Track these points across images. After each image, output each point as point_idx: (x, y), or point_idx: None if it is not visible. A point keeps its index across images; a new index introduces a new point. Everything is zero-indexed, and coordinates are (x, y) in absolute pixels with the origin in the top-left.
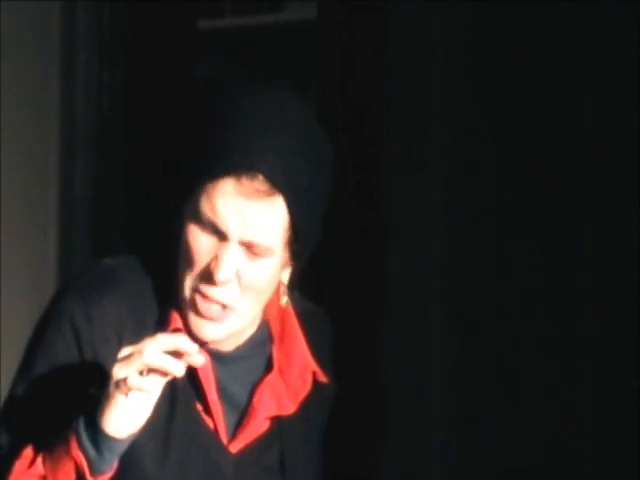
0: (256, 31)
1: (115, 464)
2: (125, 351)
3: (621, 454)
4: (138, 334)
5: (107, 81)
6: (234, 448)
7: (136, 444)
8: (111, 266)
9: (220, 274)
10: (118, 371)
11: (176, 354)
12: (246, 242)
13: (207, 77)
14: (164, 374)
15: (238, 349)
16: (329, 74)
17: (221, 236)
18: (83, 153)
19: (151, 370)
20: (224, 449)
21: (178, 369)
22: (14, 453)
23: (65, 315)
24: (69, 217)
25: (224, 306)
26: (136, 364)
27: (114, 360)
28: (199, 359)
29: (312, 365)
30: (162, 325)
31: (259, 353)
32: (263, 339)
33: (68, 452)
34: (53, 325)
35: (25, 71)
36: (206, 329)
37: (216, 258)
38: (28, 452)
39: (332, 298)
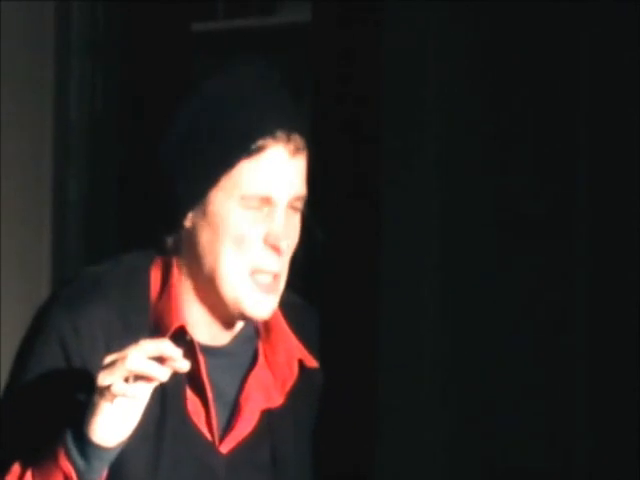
0: (250, 33)
1: (105, 473)
2: (109, 358)
3: (619, 455)
4: (126, 339)
5: (101, 84)
6: (225, 448)
7: (127, 450)
8: (96, 273)
9: (282, 244)
10: (102, 379)
11: (160, 359)
12: (294, 198)
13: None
14: (149, 380)
15: (229, 344)
16: (324, 75)
17: (270, 205)
18: (77, 155)
19: (136, 376)
20: (215, 450)
21: (162, 374)
22: (4, 467)
23: (52, 328)
24: (63, 219)
25: (274, 274)
26: (120, 371)
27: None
28: (184, 364)
29: (298, 352)
30: (157, 325)
31: (247, 349)
32: (250, 334)
33: (57, 464)
34: (41, 339)
35: (19, 73)
36: (266, 303)
37: (272, 230)
38: (17, 467)
39: (327, 296)
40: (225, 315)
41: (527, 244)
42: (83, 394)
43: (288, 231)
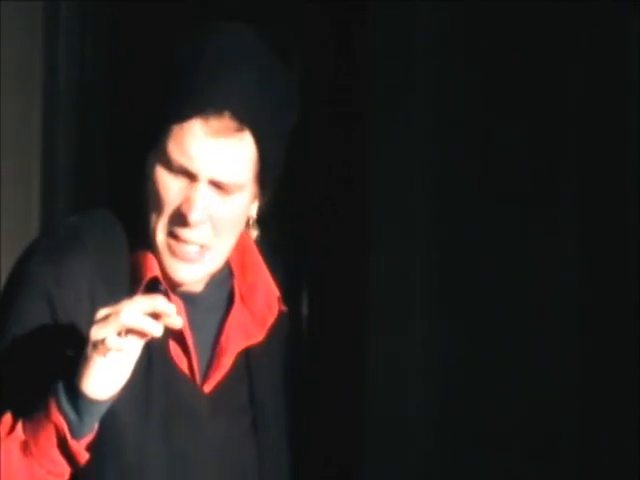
0: None
1: (96, 426)
2: (102, 312)
3: (618, 455)
4: (109, 290)
5: (90, 49)
6: (207, 388)
7: (117, 403)
8: (74, 225)
9: (193, 215)
10: (96, 332)
11: (154, 315)
12: (216, 181)
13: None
14: (142, 335)
15: (205, 289)
16: (313, 71)
17: (191, 177)
18: (65, 121)
19: (129, 331)
20: (199, 392)
21: (156, 329)
22: None
23: (34, 280)
24: (52, 187)
25: (201, 246)
26: (114, 325)
27: (88, 320)
28: (178, 320)
29: (277, 291)
30: (135, 276)
31: (223, 290)
32: (225, 276)
33: (48, 416)
34: (23, 291)
35: (8, 43)
36: (183, 271)
37: (187, 200)
38: (8, 418)
39: (315, 276)
40: None
41: (519, 215)
42: (70, 346)
43: (209, 208)
